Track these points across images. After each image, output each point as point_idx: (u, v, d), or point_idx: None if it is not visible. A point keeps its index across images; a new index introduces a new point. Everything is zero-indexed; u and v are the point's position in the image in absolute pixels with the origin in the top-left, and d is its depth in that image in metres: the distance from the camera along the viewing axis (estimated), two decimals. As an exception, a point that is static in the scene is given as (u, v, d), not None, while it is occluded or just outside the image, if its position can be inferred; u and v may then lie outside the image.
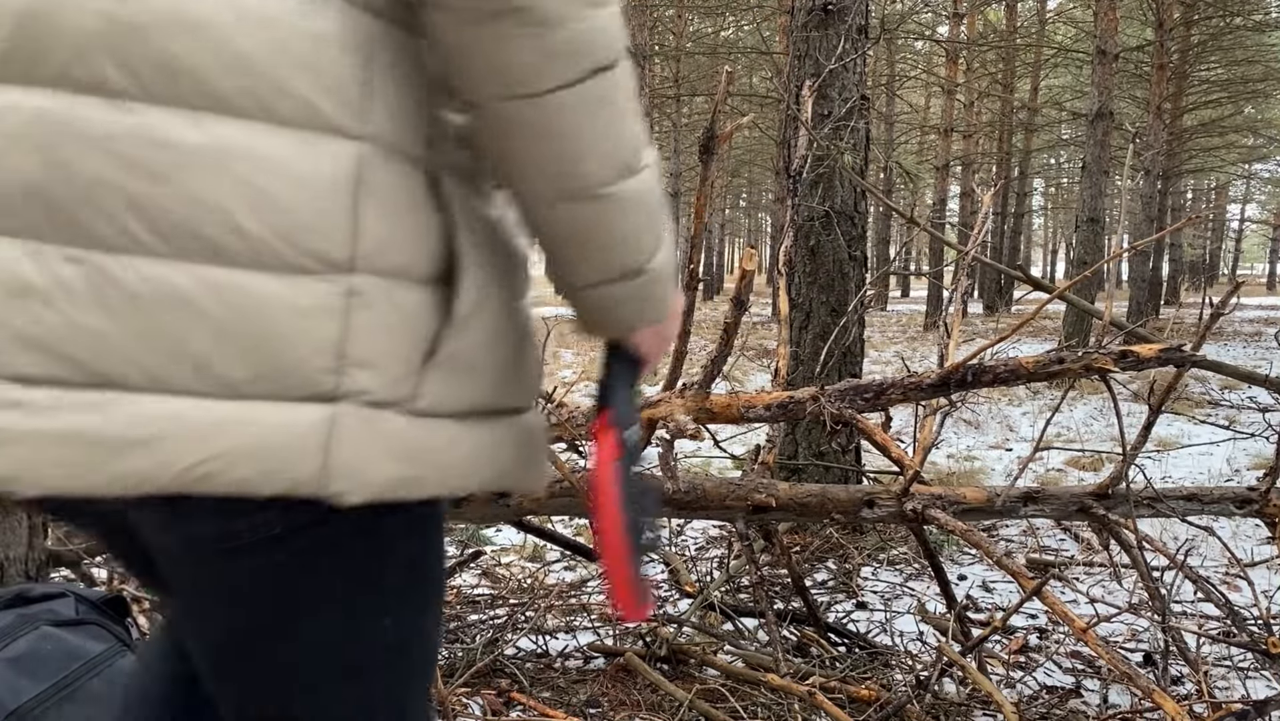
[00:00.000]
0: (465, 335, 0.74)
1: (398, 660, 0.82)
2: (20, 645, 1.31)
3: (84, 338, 0.62)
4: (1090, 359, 2.17)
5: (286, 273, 0.65)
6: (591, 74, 0.69)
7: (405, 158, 0.71)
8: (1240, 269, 45.21)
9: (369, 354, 0.69)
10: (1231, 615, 2.14)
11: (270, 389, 0.66)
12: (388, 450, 0.70)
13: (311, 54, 0.66)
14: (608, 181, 0.73)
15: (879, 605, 3.06)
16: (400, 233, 0.70)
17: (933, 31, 20.96)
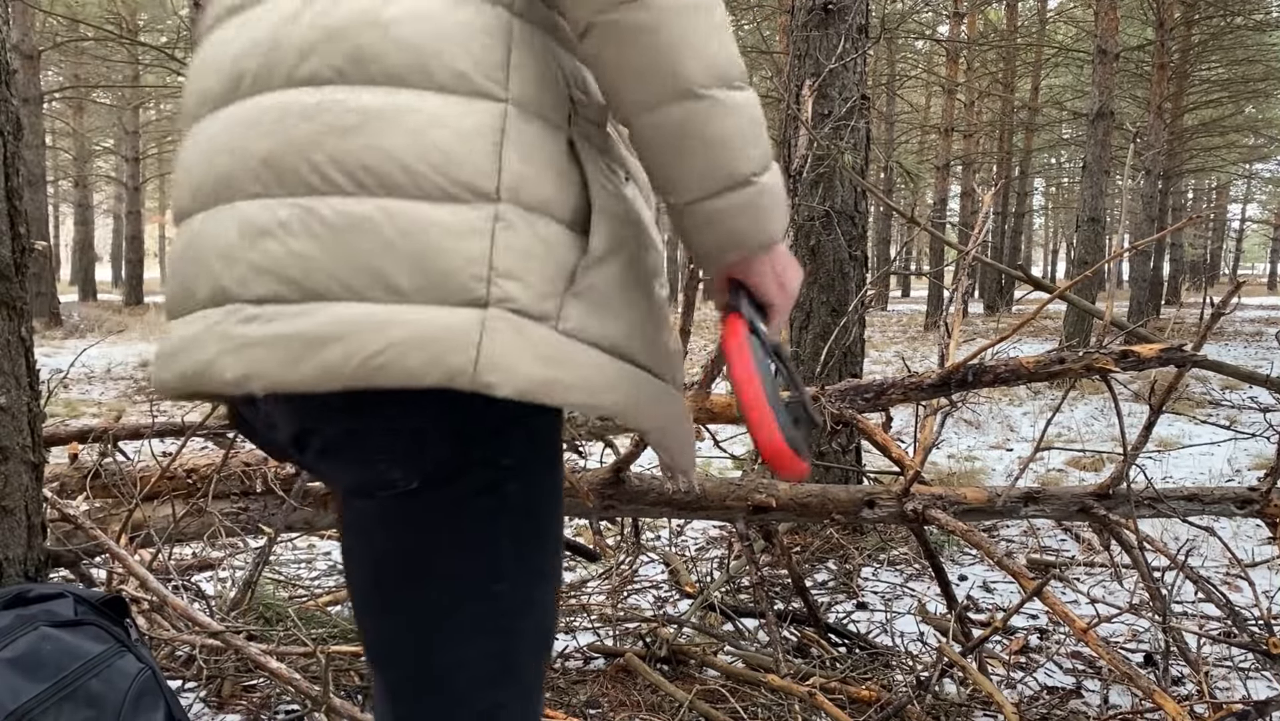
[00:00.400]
0: (601, 272, 0.85)
1: (523, 616, 0.92)
2: (19, 646, 1.31)
3: (298, 262, 0.80)
4: (1091, 359, 2.16)
5: (443, 201, 0.80)
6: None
7: (545, 121, 0.85)
8: (1241, 269, 45.21)
9: (515, 268, 0.81)
10: (1232, 615, 2.14)
11: (432, 295, 0.79)
12: (535, 353, 0.80)
13: (461, 38, 0.83)
14: (708, 84, 0.83)
15: (879, 605, 3.05)
16: (540, 175, 0.83)
17: (933, 31, 20.96)
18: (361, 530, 0.91)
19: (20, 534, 1.65)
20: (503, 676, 0.93)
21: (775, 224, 0.89)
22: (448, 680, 0.92)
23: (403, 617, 0.91)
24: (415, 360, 0.78)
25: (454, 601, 0.89)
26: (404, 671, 0.93)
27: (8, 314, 1.62)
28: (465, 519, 0.88)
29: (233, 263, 0.83)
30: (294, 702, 2.19)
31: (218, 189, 0.86)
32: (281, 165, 0.82)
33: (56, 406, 7.18)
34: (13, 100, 1.64)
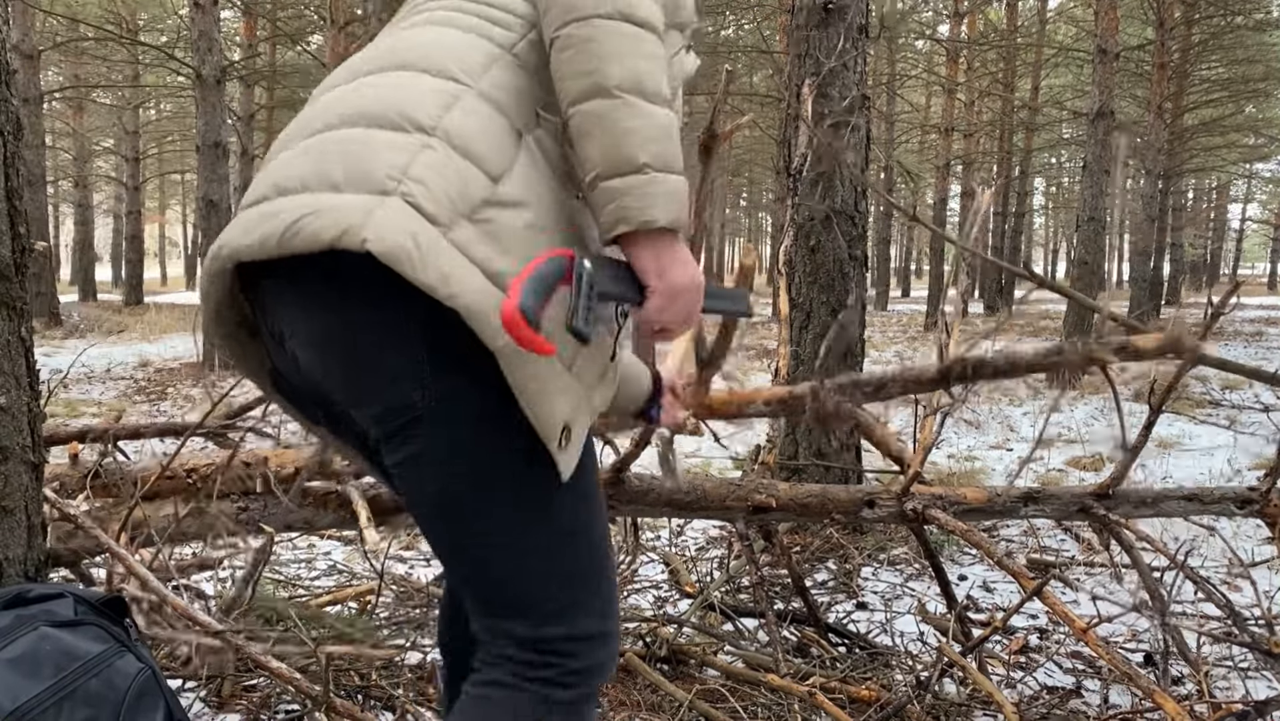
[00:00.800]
0: (505, 213, 1.03)
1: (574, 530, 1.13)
2: (18, 646, 1.30)
3: (285, 171, 1.07)
4: (1089, 350, 2.16)
5: (392, 130, 1.05)
6: (620, 17, 1.05)
7: (499, 110, 1.09)
8: (1241, 268, 45.18)
9: (424, 177, 1.01)
10: (1232, 615, 2.14)
11: (355, 187, 1.01)
12: (410, 232, 0.98)
13: (457, 52, 1.13)
14: (625, 89, 1.04)
15: (879, 605, 3.05)
16: (476, 135, 1.05)
17: (933, 30, 20.95)
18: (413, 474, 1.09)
19: (20, 534, 1.65)
20: (570, 576, 1.13)
21: (660, 210, 1.04)
22: (521, 583, 1.11)
23: (472, 533, 1.10)
24: (318, 224, 0.98)
25: (515, 508, 1.09)
26: (487, 579, 1.12)
27: (8, 314, 1.62)
28: (482, 432, 1.06)
29: (266, 180, 1.08)
30: (294, 702, 2.19)
31: (286, 143, 1.14)
32: (319, 120, 1.10)
33: (56, 406, 7.18)
34: (13, 100, 1.64)
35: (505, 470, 1.08)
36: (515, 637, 1.12)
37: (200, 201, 10.72)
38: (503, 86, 1.10)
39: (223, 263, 1.05)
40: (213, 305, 1.13)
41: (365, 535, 2.14)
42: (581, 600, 1.13)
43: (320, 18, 16.92)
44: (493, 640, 1.14)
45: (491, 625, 1.14)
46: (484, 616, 1.14)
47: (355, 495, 2.28)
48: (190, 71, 11.26)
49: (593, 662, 1.14)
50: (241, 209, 1.10)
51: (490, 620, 1.14)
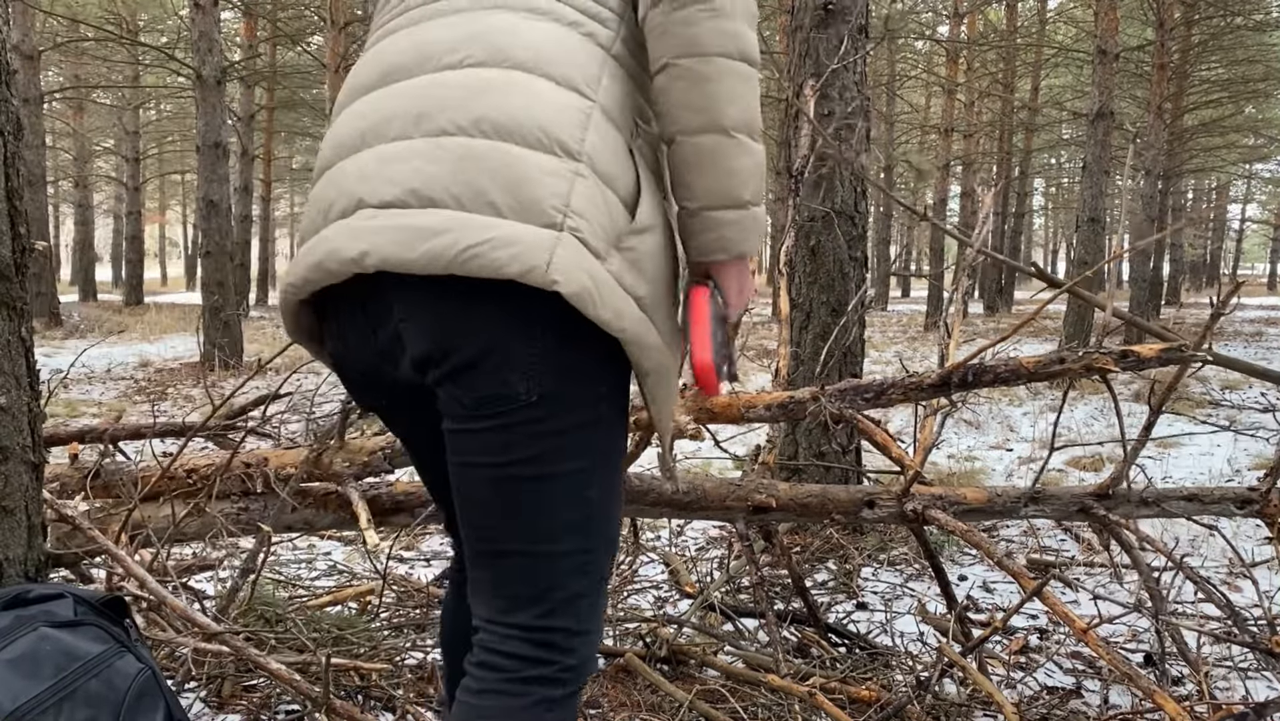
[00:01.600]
0: (641, 239, 1.11)
1: (604, 521, 1.16)
2: (18, 646, 1.30)
3: (420, 178, 1.06)
4: (1091, 359, 2.16)
5: (540, 150, 1.06)
6: (740, 58, 1.12)
7: (616, 126, 1.13)
8: (1241, 269, 45.16)
9: (584, 210, 1.06)
10: (1233, 615, 2.14)
11: (521, 214, 1.04)
12: (588, 272, 1.04)
13: (570, 53, 1.13)
14: (739, 129, 1.13)
15: (879, 605, 3.05)
16: (610, 155, 1.10)
17: (933, 31, 20.95)
18: (481, 448, 1.11)
19: (20, 534, 1.65)
20: (586, 569, 1.15)
21: (752, 242, 1.17)
22: (546, 571, 1.14)
23: (516, 519, 1.12)
24: (502, 255, 1.01)
25: (558, 504, 1.12)
26: (510, 564, 1.14)
27: (8, 314, 1.62)
28: (573, 433, 1.11)
29: (367, 179, 1.09)
30: (294, 703, 2.19)
31: (360, 140, 1.13)
32: (422, 115, 1.09)
33: (56, 406, 7.18)
34: (13, 100, 1.64)
35: (584, 471, 1.13)
36: (520, 627, 1.14)
37: (200, 202, 10.72)
38: (614, 99, 1.13)
39: (365, 268, 1.05)
40: (308, 292, 1.14)
41: (366, 536, 2.14)
42: (587, 593, 1.16)
43: (320, 18, 16.92)
44: (494, 626, 1.15)
45: (501, 609, 1.15)
46: (497, 606, 1.16)
47: (355, 496, 2.28)
48: (190, 72, 11.26)
49: (585, 658, 1.17)
50: (344, 204, 1.09)
51: (502, 602, 1.15)
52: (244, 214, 19.35)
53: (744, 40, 1.12)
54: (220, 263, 10.54)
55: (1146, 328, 2.43)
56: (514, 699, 1.12)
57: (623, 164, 1.11)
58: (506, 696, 1.13)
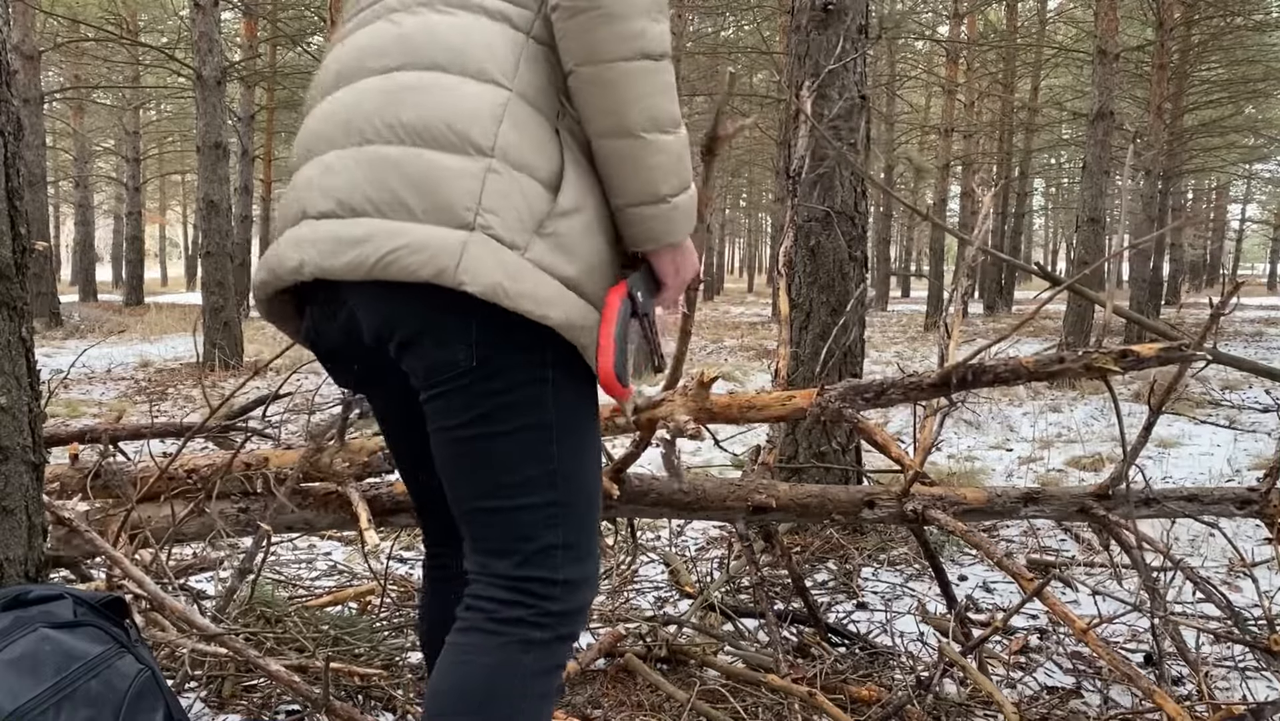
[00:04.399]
0: (566, 221, 1.14)
1: (571, 478, 1.21)
2: (18, 647, 1.30)
3: (346, 188, 1.14)
4: (1091, 358, 2.16)
5: (452, 150, 1.12)
6: (641, 57, 1.13)
7: (537, 110, 1.16)
8: (1241, 269, 45.15)
9: (496, 206, 1.11)
10: (1232, 615, 2.14)
11: (435, 217, 1.10)
12: (500, 267, 1.09)
13: (486, 45, 1.17)
14: (646, 129, 1.15)
15: (879, 605, 3.05)
16: (527, 145, 1.14)
17: (933, 31, 20.94)
18: (439, 414, 1.18)
19: (20, 534, 1.65)
20: (556, 522, 1.20)
21: (679, 231, 1.22)
22: (514, 524, 1.20)
23: (482, 476, 1.19)
24: (414, 260, 1.08)
25: (516, 461, 1.18)
26: (484, 520, 1.21)
27: (8, 314, 1.62)
28: (521, 390, 1.16)
29: (310, 188, 1.18)
30: (294, 703, 2.19)
31: (313, 147, 1.22)
32: (351, 125, 1.17)
33: (57, 406, 7.18)
34: (13, 101, 1.64)
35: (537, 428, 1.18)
36: (500, 576, 1.20)
37: (201, 202, 10.72)
38: (534, 83, 1.16)
39: (303, 276, 1.16)
40: (271, 291, 1.24)
41: (366, 536, 2.14)
42: (563, 545, 1.21)
43: (320, 18, 16.92)
44: (479, 577, 1.22)
45: (483, 562, 1.22)
46: (476, 553, 1.23)
47: (355, 496, 2.28)
48: (191, 72, 11.26)
49: (570, 608, 1.22)
50: (294, 212, 1.19)
51: (483, 557, 1.22)
52: (244, 214, 19.34)
53: (644, 39, 1.13)
54: (220, 263, 10.54)
55: (1149, 325, 2.43)
56: (492, 636, 1.19)
57: (543, 149, 1.14)
58: (485, 634, 1.19)
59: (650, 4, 1.13)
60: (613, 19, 1.11)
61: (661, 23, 1.14)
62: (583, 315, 1.15)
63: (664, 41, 1.14)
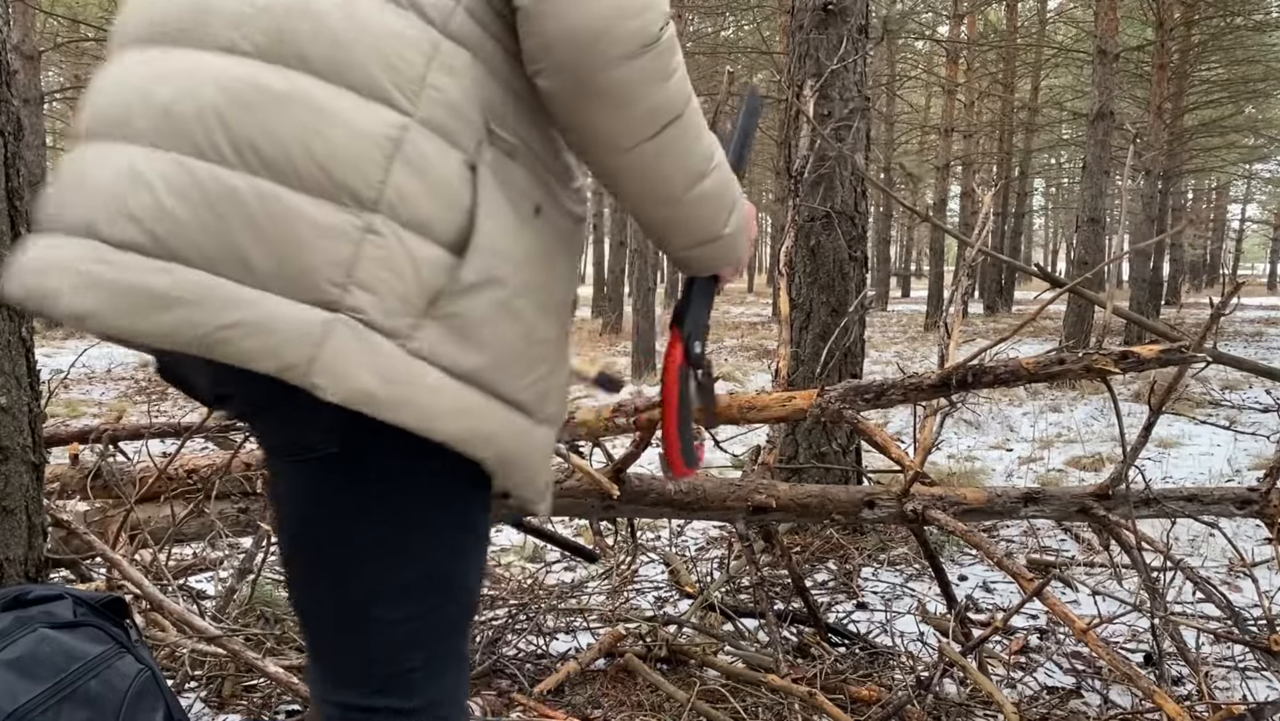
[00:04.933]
0: (469, 300, 0.87)
1: (436, 593, 0.98)
2: (18, 647, 1.30)
3: (165, 219, 0.82)
4: (1091, 359, 2.16)
5: (320, 196, 0.82)
6: (664, 128, 0.92)
7: (447, 141, 0.86)
8: (1241, 269, 45.16)
9: (372, 280, 0.83)
10: (1233, 615, 2.14)
11: (284, 285, 0.81)
12: (371, 366, 0.82)
13: (383, 41, 0.85)
14: (685, 191, 0.97)
15: (879, 605, 3.05)
16: (427, 194, 0.85)
17: (933, 31, 20.95)
18: (289, 492, 0.96)
19: (21, 534, 1.65)
20: (419, 640, 0.98)
21: (742, 247, 1.07)
22: (363, 639, 0.97)
23: (322, 578, 0.97)
24: (252, 345, 0.81)
25: (366, 566, 0.95)
26: (325, 628, 0.99)
27: (8, 314, 1.62)
28: (377, 492, 0.92)
29: (109, 201, 0.84)
30: (294, 702, 2.19)
31: (118, 124, 0.87)
32: (178, 121, 0.84)
33: (57, 406, 7.18)
34: (13, 101, 1.64)
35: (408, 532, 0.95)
36: (344, 706, 1.00)
37: (200, 202, 10.70)
38: (448, 102, 0.87)
39: (85, 328, 0.85)
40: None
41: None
42: (424, 666, 0.99)
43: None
44: (325, 710, 1.02)
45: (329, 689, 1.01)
46: (321, 683, 1.02)
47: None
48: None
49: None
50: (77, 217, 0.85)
51: (328, 684, 1.01)
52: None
53: (662, 109, 0.91)
54: (220, 263, 10.52)
55: (1149, 326, 2.43)
56: None
57: (449, 197, 0.86)
58: None
59: (653, 68, 0.89)
60: (626, 105, 0.89)
61: (671, 66, 0.91)
62: (491, 422, 0.89)
63: (681, 92, 0.93)
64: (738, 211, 1.05)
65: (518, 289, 0.91)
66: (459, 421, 0.87)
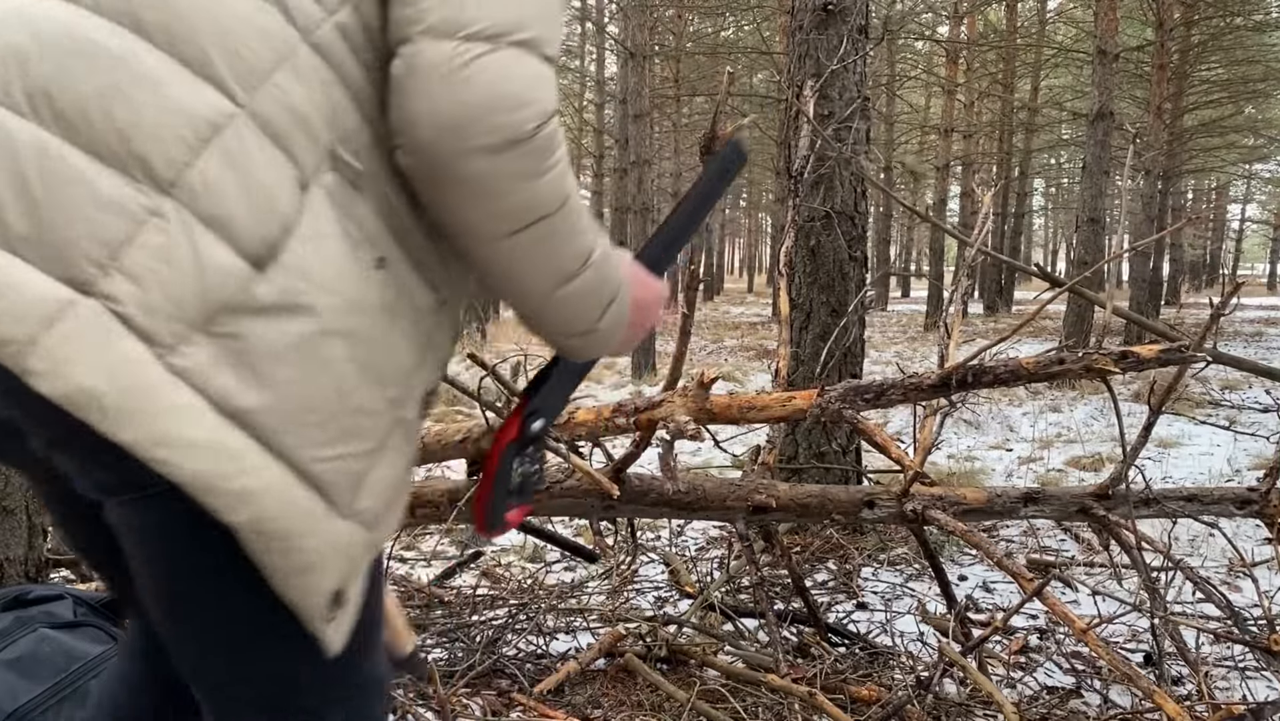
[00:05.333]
0: (259, 326, 0.74)
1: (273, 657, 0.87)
2: (18, 647, 1.31)
3: None
4: (1090, 359, 2.16)
5: (110, 165, 0.72)
6: (528, 226, 0.81)
7: (280, 149, 0.76)
8: (1241, 269, 45.17)
9: (140, 270, 0.71)
10: (1232, 615, 2.14)
11: (38, 253, 0.71)
12: (105, 365, 0.70)
13: (232, 28, 0.77)
14: (552, 290, 0.86)
15: (879, 605, 3.05)
16: (236, 193, 0.74)
17: (933, 31, 20.96)
18: (128, 538, 0.83)
19: (21, 534, 1.65)
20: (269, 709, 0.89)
21: (615, 339, 0.96)
22: (210, 696, 0.90)
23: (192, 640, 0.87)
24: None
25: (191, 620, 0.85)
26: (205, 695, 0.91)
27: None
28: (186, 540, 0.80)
29: None
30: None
31: None
32: (15, 67, 0.75)
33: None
34: (13, 101, 1.64)
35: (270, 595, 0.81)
36: None
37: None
38: (290, 106, 0.77)
39: None
40: None
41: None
42: None
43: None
44: None
45: None
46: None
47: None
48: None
49: None
50: None
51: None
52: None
53: (528, 204, 0.81)
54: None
55: (1149, 326, 2.43)
56: None
57: (266, 204, 0.75)
58: None
59: (519, 165, 0.78)
60: (492, 197, 0.79)
61: (543, 165, 0.80)
62: (254, 480, 0.75)
63: (556, 190, 0.81)
64: (617, 305, 0.93)
65: (332, 330, 0.77)
66: (202, 459, 0.72)
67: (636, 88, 11.88)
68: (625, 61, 12.36)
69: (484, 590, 3.08)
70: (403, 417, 0.85)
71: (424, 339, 0.86)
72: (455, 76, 0.76)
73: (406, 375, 0.85)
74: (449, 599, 2.92)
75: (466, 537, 3.71)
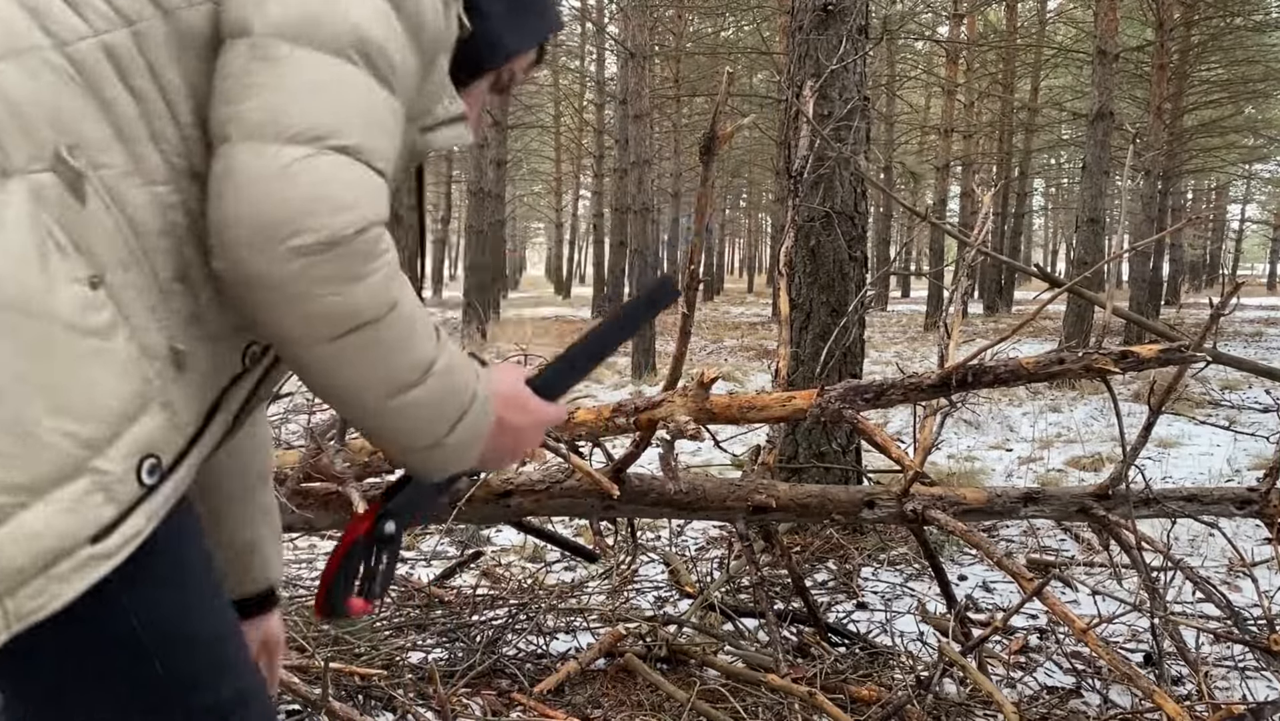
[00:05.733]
0: None
1: None
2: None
3: None
4: (1090, 359, 2.17)
5: None
6: (347, 333, 0.78)
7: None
8: (1241, 269, 45.17)
9: None
10: (1232, 615, 2.14)
11: None
12: None
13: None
14: (384, 401, 0.83)
15: (879, 605, 3.05)
16: None
17: (933, 32, 20.96)
18: None
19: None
20: None
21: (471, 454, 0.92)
22: None
23: None
24: None
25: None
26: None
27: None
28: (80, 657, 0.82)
29: None
30: (294, 703, 2.19)
31: None
32: None
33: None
34: (14, 101, 1.64)
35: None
36: None
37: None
38: (4, 92, 0.74)
39: None
40: None
41: (365, 535, 2.14)
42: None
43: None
44: None
45: None
46: None
47: (355, 496, 2.28)
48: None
49: None
50: None
51: None
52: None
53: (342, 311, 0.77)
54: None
55: (1149, 326, 2.44)
56: None
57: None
58: None
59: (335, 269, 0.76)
60: (297, 301, 0.76)
61: (365, 270, 0.77)
62: None
63: (376, 297, 0.78)
64: (470, 420, 0.89)
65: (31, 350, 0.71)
66: None
67: (636, 88, 11.88)
68: (625, 62, 12.37)
69: (484, 590, 3.08)
70: (97, 468, 0.75)
71: (146, 389, 0.78)
72: (275, 179, 0.74)
73: (110, 419, 0.76)
74: (449, 599, 2.92)
75: (466, 537, 3.71)
